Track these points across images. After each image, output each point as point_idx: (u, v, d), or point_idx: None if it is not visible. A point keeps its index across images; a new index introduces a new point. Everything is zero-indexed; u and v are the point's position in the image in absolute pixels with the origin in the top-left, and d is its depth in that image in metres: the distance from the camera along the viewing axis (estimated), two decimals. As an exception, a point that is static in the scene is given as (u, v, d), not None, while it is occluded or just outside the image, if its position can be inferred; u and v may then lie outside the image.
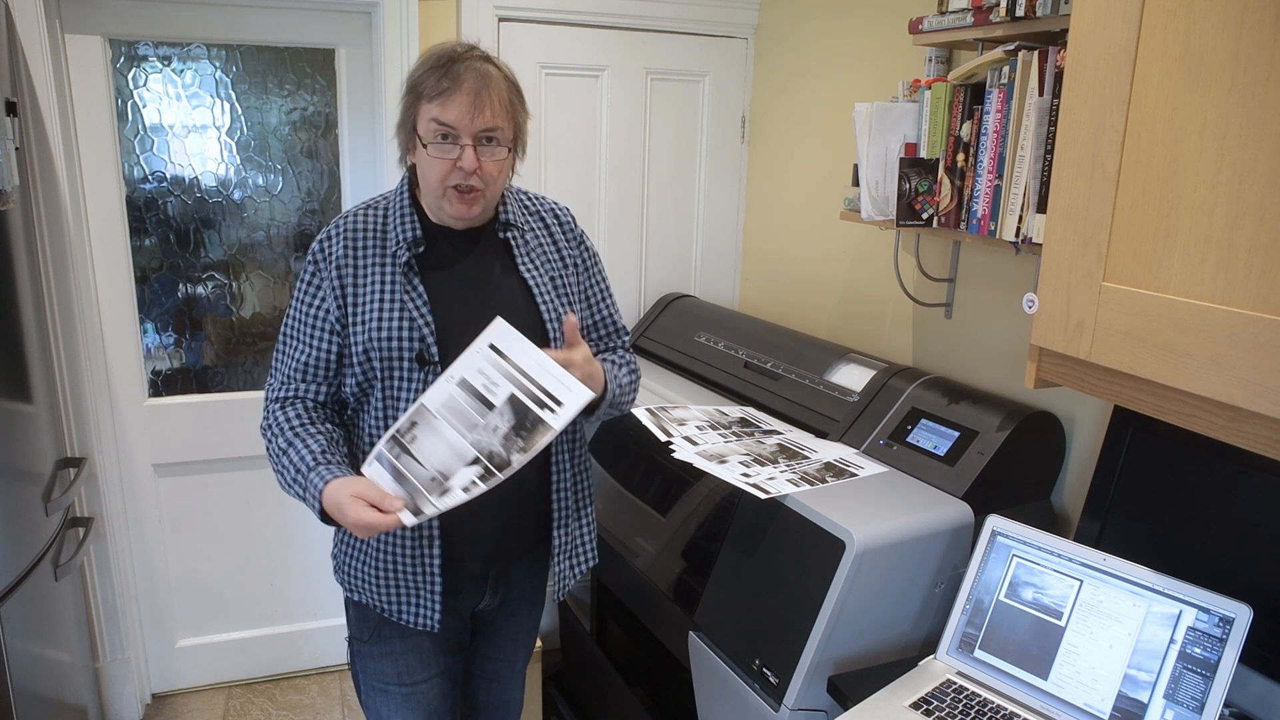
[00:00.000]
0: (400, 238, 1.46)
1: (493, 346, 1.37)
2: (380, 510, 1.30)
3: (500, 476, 1.30)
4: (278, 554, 2.72)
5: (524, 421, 1.32)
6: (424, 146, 1.39)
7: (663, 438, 1.84)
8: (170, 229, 2.46)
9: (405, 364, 1.43)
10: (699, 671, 1.75)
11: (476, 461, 1.31)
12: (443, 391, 1.37)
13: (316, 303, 1.46)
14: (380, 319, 1.43)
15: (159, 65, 2.36)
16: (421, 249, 1.46)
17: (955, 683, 1.41)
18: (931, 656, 1.48)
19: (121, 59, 2.32)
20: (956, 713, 1.34)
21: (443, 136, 1.38)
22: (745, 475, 1.68)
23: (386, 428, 1.45)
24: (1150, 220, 1.10)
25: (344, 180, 2.57)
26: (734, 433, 1.94)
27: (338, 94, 2.51)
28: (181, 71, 2.38)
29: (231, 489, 2.62)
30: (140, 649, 2.60)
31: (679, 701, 2.06)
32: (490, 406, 1.34)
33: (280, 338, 1.50)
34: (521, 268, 1.52)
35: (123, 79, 2.33)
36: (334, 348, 1.46)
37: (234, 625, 2.73)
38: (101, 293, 2.39)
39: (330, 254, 1.46)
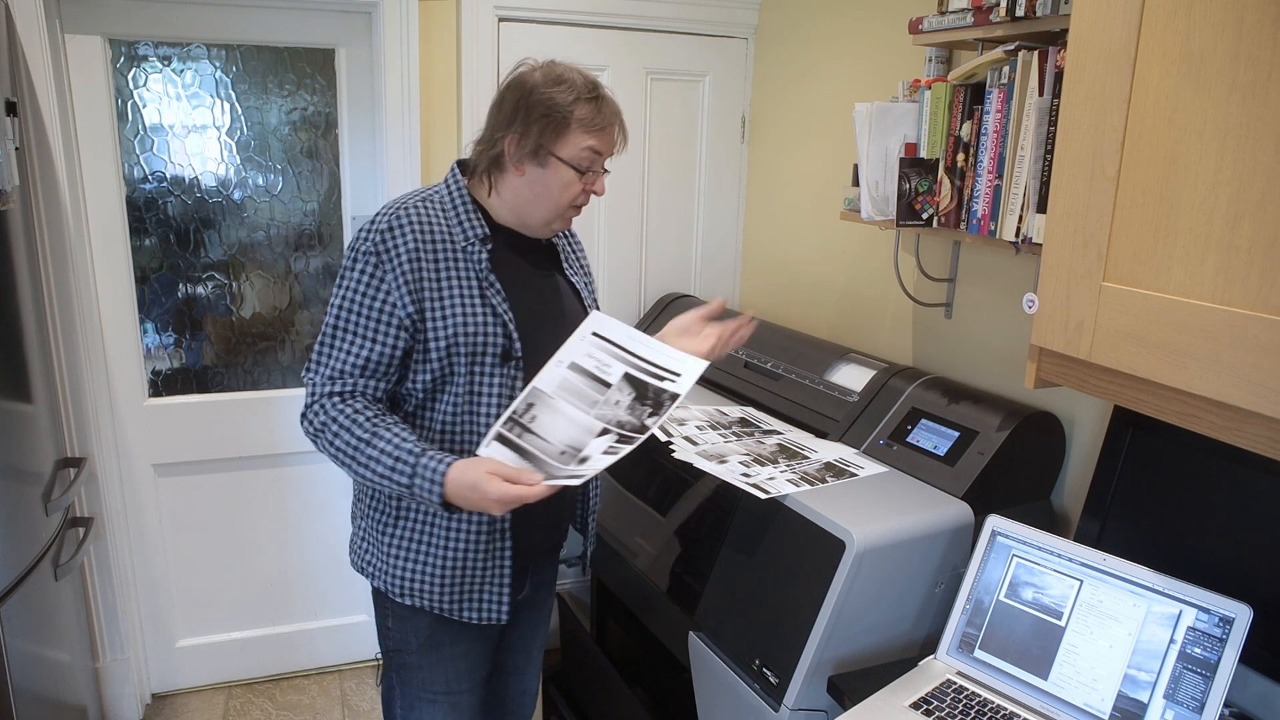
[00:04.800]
0: (471, 235, 1.49)
1: (596, 334, 1.50)
2: (516, 483, 1.33)
3: (640, 439, 1.39)
4: (278, 554, 2.72)
5: (645, 393, 1.45)
6: (579, 172, 1.47)
7: (663, 438, 1.84)
8: (170, 229, 2.46)
9: (489, 360, 1.46)
10: (699, 671, 1.75)
11: (606, 432, 1.40)
12: (555, 375, 1.46)
13: (381, 297, 1.42)
14: (464, 315, 1.45)
15: (159, 65, 2.36)
16: (490, 247, 1.50)
17: (955, 683, 1.41)
18: (931, 656, 1.48)
19: (121, 59, 2.32)
20: (956, 713, 1.34)
21: (588, 164, 1.48)
22: (745, 475, 1.68)
23: (470, 421, 1.48)
24: (1150, 220, 1.10)
25: (344, 180, 2.57)
26: (734, 433, 1.94)
27: (338, 94, 2.51)
28: (181, 71, 2.38)
29: (231, 489, 2.62)
30: (140, 649, 2.60)
31: (679, 701, 2.06)
32: (606, 385, 1.45)
33: (329, 330, 1.45)
34: (567, 271, 1.64)
35: (123, 79, 2.33)
36: (401, 344, 1.44)
37: (234, 625, 2.73)
38: (101, 293, 2.39)
39: (397, 248, 1.43)
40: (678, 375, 1.46)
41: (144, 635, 2.61)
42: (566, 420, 1.42)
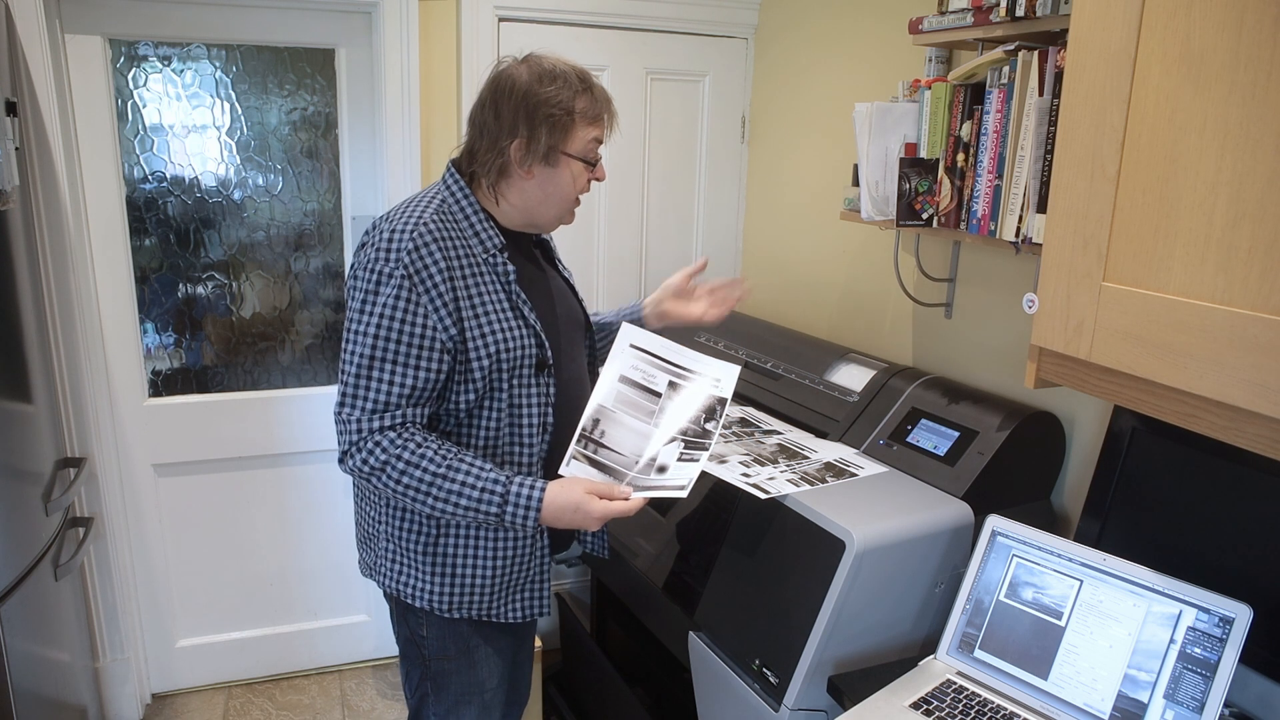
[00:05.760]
0: (490, 246, 1.47)
1: (634, 346, 1.55)
2: (612, 499, 1.38)
3: (712, 441, 1.48)
4: (278, 554, 2.72)
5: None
6: (590, 165, 1.48)
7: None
8: (170, 229, 2.46)
9: (527, 372, 1.46)
10: (699, 671, 1.75)
11: (672, 440, 1.47)
12: (610, 391, 1.51)
13: (420, 321, 1.37)
14: (505, 330, 1.44)
15: (159, 65, 2.36)
16: (506, 255, 1.49)
17: (955, 683, 1.41)
18: (931, 656, 1.48)
19: (121, 59, 2.32)
20: (956, 713, 1.34)
21: (594, 154, 1.48)
22: (745, 475, 1.68)
23: (513, 435, 1.48)
24: (1150, 220, 1.10)
25: (344, 180, 2.57)
26: (734, 433, 1.94)
27: (338, 94, 2.51)
28: (181, 71, 2.38)
29: (231, 489, 2.62)
30: (140, 649, 2.60)
31: (679, 701, 2.06)
32: (656, 394, 1.52)
33: (365, 361, 1.37)
34: (560, 268, 1.66)
35: (123, 79, 2.33)
36: (446, 367, 1.39)
37: (234, 625, 2.73)
38: (101, 293, 2.39)
39: (428, 268, 1.37)
40: (718, 380, 1.53)
41: (144, 635, 2.61)
42: (631, 432, 1.47)
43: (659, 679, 2.20)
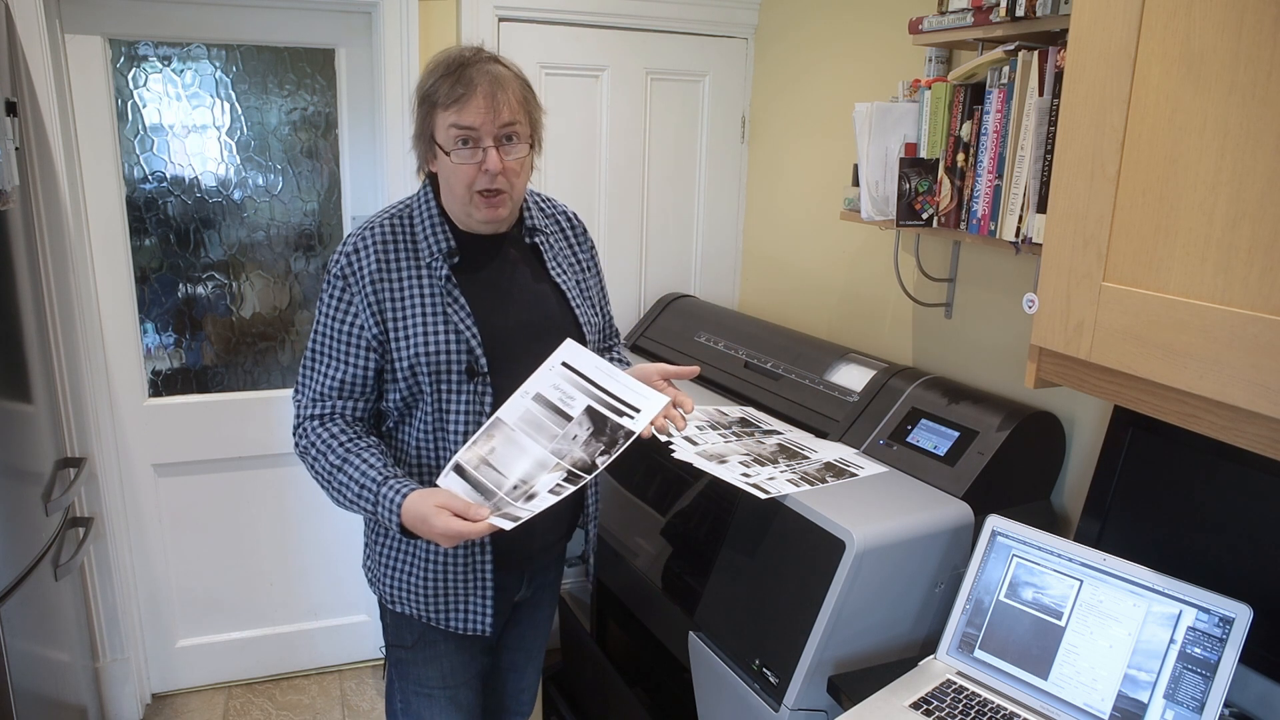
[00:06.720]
0: (435, 249, 1.46)
1: (565, 364, 1.45)
2: (465, 519, 1.30)
3: (586, 478, 1.35)
4: (278, 554, 2.72)
5: (603, 428, 1.41)
6: (446, 154, 1.40)
7: (662, 438, 1.84)
8: (170, 229, 2.46)
9: (454, 377, 1.45)
10: (699, 671, 1.75)
11: (558, 468, 1.37)
12: (519, 406, 1.43)
13: (349, 319, 1.44)
14: (425, 334, 1.43)
15: (159, 65, 2.36)
16: (457, 259, 1.47)
17: (955, 683, 1.41)
18: (931, 656, 1.48)
19: (121, 59, 2.32)
20: (956, 713, 1.34)
21: (463, 142, 1.39)
22: (745, 475, 1.68)
23: (437, 440, 1.47)
24: (1150, 220, 1.10)
25: (344, 180, 2.57)
26: (734, 433, 1.94)
27: (338, 94, 2.51)
28: (181, 71, 2.38)
29: (231, 489, 2.62)
30: (140, 649, 2.60)
31: (679, 701, 2.06)
32: (568, 418, 1.42)
33: (309, 354, 1.49)
34: (553, 273, 1.57)
35: (123, 79, 2.33)
36: (372, 365, 1.45)
37: (234, 625, 2.73)
38: (101, 293, 2.39)
39: (361, 270, 1.44)
40: (637, 411, 1.42)
41: (144, 635, 2.61)
42: (523, 454, 1.40)
43: (659, 679, 2.20)
